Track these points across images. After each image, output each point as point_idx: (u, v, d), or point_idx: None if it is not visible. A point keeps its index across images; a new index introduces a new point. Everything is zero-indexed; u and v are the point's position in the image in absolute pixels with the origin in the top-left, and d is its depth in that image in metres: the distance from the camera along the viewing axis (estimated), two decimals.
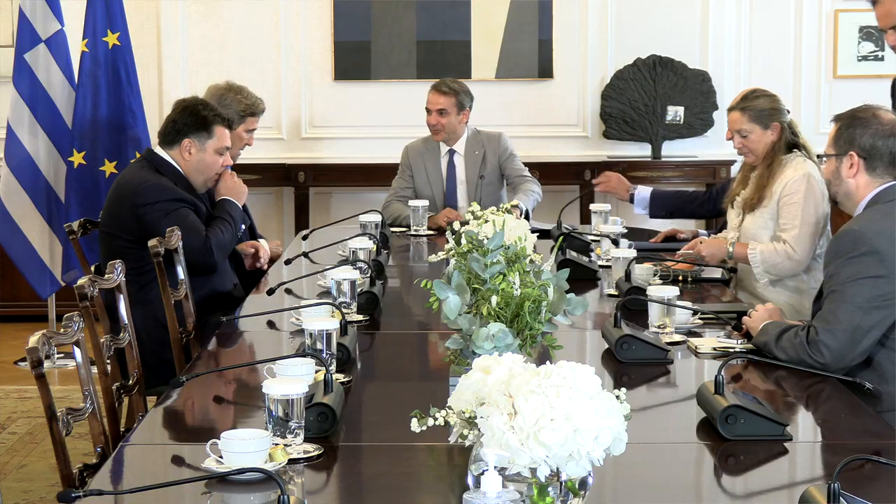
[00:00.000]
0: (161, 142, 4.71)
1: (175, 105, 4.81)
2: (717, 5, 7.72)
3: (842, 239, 3.45)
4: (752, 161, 4.75)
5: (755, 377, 3.40)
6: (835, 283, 3.41)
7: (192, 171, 4.69)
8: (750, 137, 4.69)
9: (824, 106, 7.63)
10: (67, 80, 6.69)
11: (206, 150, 4.67)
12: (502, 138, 6.22)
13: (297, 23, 7.75)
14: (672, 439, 2.90)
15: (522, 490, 2.07)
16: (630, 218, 6.22)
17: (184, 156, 4.65)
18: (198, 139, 4.65)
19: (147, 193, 4.51)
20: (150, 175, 4.59)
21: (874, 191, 3.53)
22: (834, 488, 2.11)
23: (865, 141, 3.53)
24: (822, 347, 3.33)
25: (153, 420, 3.03)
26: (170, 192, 4.54)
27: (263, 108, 5.50)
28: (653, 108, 7.65)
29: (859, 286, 3.35)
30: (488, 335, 2.68)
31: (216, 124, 4.69)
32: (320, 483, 2.59)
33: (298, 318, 3.67)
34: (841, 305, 3.36)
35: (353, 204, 7.33)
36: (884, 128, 3.53)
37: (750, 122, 4.68)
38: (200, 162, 4.67)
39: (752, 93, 4.80)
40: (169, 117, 4.75)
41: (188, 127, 4.65)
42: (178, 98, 4.97)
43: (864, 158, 3.52)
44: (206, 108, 4.72)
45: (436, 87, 6.14)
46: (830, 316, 3.36)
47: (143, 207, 4.48)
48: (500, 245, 2.91)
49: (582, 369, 2.10)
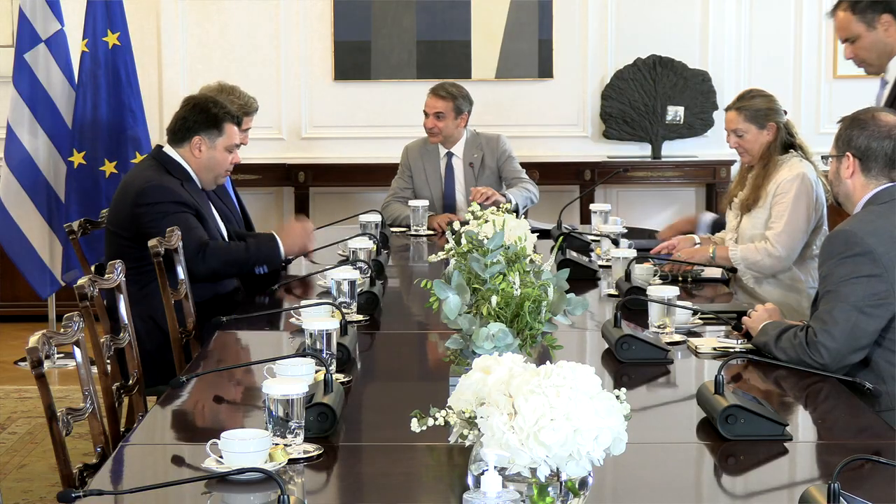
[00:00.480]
0: (170, 140, 4.69)
1: (184, 102, 4.78)
2: (717, 5, 7.72)
3: (834, 239, 3.45)
4: (747, 161, 4.76)
5: (755, 377, 3.40)
6: (829, 284, 3.41)
7: (201, 169, 4.67)
8: (745, 137, 4.70)
9: (824, 106, 7.64)
10: (67, 80, 6.69)
11: (216, 147, 4.66)
12: (501, 140, 6.21)
13: (297, 23, 7.75)
14: (672, 439, 2.90)
15: (522, 490, 2.07)
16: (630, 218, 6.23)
17: (194, 153, 4.64)
18: (208, 137, 4.64)
19: (149, 193, 4.49)
20: (156, 175, 4.57)
21: (870, 192, 3.53)
22: (834, 488, 2.11)
23: (861, 142, 3.53)
24: (820, 348, 3.33)
25: (153, 420, 3.03)
26: (172, 194, 4.51)
27: (257, 107, 5.50)
28: (653, 108, 7.65)
29: (853, 285, 3.35)
30: (488, 335, 2.68)
31: (226, 121, 4.67)
32: (320, 483, 2.59)
33: (298, 318, 3.68)
34: (837, 305, 3.36)
35: (353, 204, 7.33)
36: (881, 130, 3.53)
37: (745, 122, 4.69)
38: (211, 160, 4.66)
39: (748, 93, 4.81)
40: (178, 115, 4.72)
41: (198, 124, 4.64)
42: (187, 95, 4.95)
43: (859, 159, 3.53)
44: (216, 105, 4.70)
45: (434, 91, 6.14)
46: (827, 316, 3.37)
47: (143, 207, 4.46)
48: (500, 245, 2.91)
49: (582, 369, 2.10)
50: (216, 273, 4.50)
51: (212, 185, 4.77)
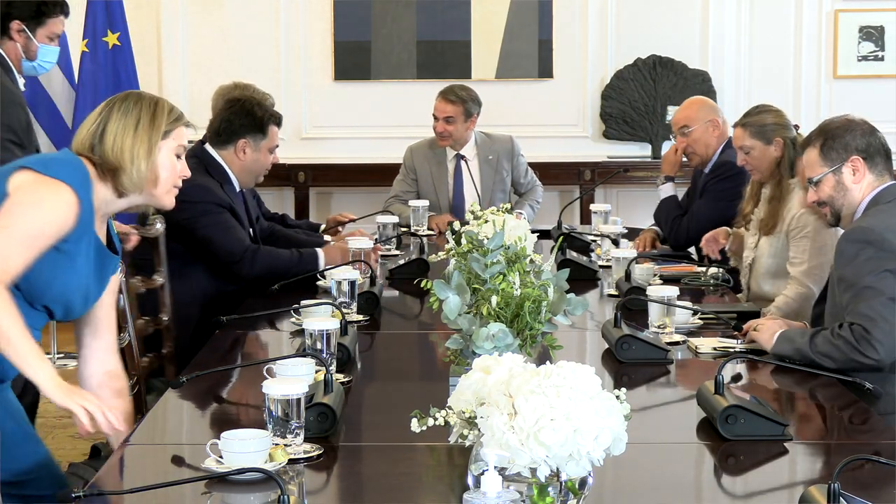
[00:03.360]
0: (214, 142, 4.68)
1: (226, 104, 4.76)
2: (717, 5, 7.72)
3: (853, 237, 3.43)
4: (757, 178, 4.66)
5: (755, 377, 3.40)
6: (857, 280, 3.36)
7: (243, 171, 4.70)
8: (752, 154, 4.61)
9: (824, 106, 7.63)
10: (67, 80, 6.69)
11: (260, 150, 4.68)
12: (515, 143, 6.26)
13: (297, 23, 7.76)
14: (672, 439, 2.90)
15: (522, 490, 2.07)
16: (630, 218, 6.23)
17: (238, 156, 4.66)
18: (253, 139, 4.65)
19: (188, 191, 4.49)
20: (198, 175, 4.59)
21: (872, 193, 3.53)
22: (834, 488, 2.11)
23: (859, 142, 3.54)
24: (875, 344, 3.27)
25: (153, 420, 3.03)
26: (214, 195, 4.55)
27: (273, 104, 5.52)
28: (653, 108, 7.66)
29: (883, 279, 3.33)
30: (488, 335, 2.68)
31: (270, 124, 4.71)
32: (320, 483, 2.59)
33: (298, 318, 3.68)
34: (876, 299, 3.32)
35: (353, 204, 7.32)
36: (863, 126, 3.57)
37: (752, 139, 4.61)
38: (255, 162, 4.68)
39: (755, 108, 4.74)
40: (222, 116, 4.70)
41: (244, 128, 4.65)
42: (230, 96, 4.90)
43: (864, 158, 3.53)
44: (260, 107, 4.72)
45: (444, 95, 6.13)
46: (871, 311, 3.32)
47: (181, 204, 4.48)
48: (500, 245, 2.91)
49: (582, 369, 2.10)
50: (260, 277, 4.51)
51: (251, 184, 4.82)
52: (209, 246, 4.50)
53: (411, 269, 4.58)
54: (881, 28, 7.66)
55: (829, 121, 3.64)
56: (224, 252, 4.50)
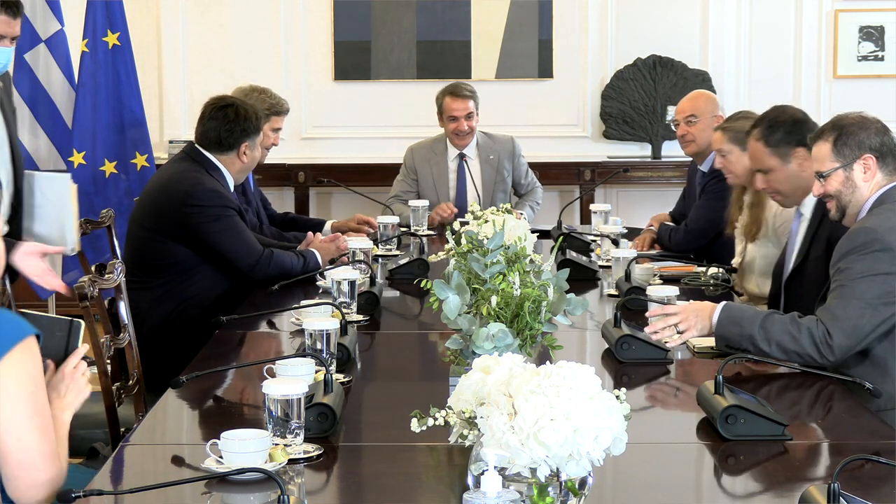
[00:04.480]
0: (215, 150, 4.67)
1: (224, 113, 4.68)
2: (717, 5, 7.72)
3: (855, 235, 3.43)
4: (732, 181, 4.70)
5: (755, 377, 3.40)
6: (844, 278, 3.38)
7: (242, 170, 4.77)
8: (728, 158, 4.65)
9: (824, 106, 7.62)
10: (67, 80, 6.69)
11: (256, 147, 4.76)
12: (516, 144, 6.26)
13: (297, 23, 7.75)
14: (672, 439, 2.90)
15: (522, 490, 2.07)
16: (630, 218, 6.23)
17: (241, 159, 4.69)
18: (251, 140, 4.70)
19: (200, 195, 4.53)
20: (204, 177, 4.60)
21: (879, 192, 3.53)
22: (834, 488, 2.11)
23: (873, 140, 3.53)
24: (835, 348, 3.29)
25: (153, 420, 3.03)
26: (222, 198, 4.56)
27: (288, 108, 5.55)
28: (653, 108, 7.65)
29: (869, 282, 3.34)
30: (488, 335, 2.69)
31: (262, 122, 4.83)
32: (320, 483, 2.59)
33: (298, 318, 3.68)
34: (850, 301, 3.33)
35: (353, 204, 7.32)
36: (877, 125, 3.57)
37: (729, 143, 4.65)
38: (253, 160, 4.77)
39: (736, 114, 4.80)
40: (221, 126, 4.65)
41: (245, 133, 4.68)
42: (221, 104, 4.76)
43: (877, 157, 3.53)
44: (251, 108, 4.77)
45: (458, 94, 6.11)
46: (840, 311, 3.33)
47: (194, 208, 4.50)
48: (500, 245, 2.91)
49: (582, 369, 2.10)
50: (273, 279, 4.52)
51: (242, 179, 4.89)
52: (224, 251, 4.50)
53: (411, 269, 4.59)
54: (881, 28, 7.65)
55: (842, 115, 3.63)
56: (240, 256, 4.53)
